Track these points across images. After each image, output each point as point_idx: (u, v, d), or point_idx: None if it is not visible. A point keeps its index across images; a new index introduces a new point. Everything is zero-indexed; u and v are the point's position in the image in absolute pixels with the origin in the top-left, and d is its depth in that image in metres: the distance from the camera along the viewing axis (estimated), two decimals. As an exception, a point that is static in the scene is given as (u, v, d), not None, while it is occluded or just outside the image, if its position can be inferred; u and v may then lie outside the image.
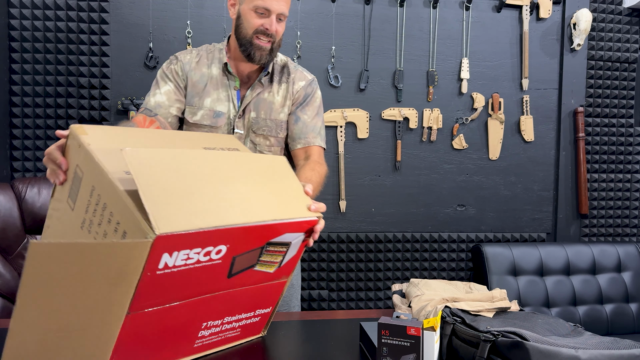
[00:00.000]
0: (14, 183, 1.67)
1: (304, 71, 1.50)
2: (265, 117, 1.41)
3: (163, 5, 2.19)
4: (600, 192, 2.58)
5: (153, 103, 1.37)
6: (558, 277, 2.30)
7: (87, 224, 0.80)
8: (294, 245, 0.93)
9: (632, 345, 0.87)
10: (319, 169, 1.35)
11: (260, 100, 1.41)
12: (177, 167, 0.78)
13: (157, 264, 0.70)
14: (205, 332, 0.91)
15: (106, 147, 0.82)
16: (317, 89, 1.49)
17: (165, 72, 1.42)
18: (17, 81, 2.11)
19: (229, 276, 0.84)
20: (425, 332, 0.88)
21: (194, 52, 1.45)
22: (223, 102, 1.40)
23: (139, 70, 2.19)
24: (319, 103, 1.49)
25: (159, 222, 0.67)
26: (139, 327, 0.77)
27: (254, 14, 1.30)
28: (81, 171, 0.82)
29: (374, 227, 2.41)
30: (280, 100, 1.43)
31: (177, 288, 0.77)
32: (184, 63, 1.41)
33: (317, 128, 1.46)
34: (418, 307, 1.11)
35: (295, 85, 1.45)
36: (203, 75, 1.41)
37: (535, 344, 0.85)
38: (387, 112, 2.37)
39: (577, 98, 2.52)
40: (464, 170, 2.46)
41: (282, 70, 1.45)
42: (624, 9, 2.55)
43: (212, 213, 0.75)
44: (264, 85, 1.42)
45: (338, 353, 1.02)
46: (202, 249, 0.74)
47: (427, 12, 2.39)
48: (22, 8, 2.10)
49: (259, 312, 0.99)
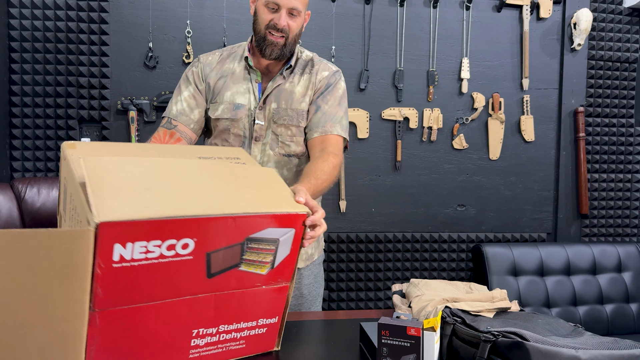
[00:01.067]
0: (13, 183, 1.67)
1: (329, 63, 1.48)
2: (286, 107, 1.39)
3: (163, 5, 2.19)
4: (600, 192, 2.58)
5: (175, 112, 1.40)
6: (558, 277, 2.30)
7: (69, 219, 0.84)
8: (283, 243, 0.87)
9: (632, 345, 0.87)
10: (333, 160, 1.30)
11: (281, 91, 1.40)
12: (138, 172, 0.79)
13: (110, 255, 0.69)
14: (200, 342, 0.87)
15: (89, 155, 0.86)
16: (340, 80, 1.46)
17: (187, 74, 1.44)
18: (17, 81, 2.11)
19: (209, 276, 0.81)
20: (426, 333, 0.88)
21: (217, 53, 1.47)
22: (243, 94, 1.40)
23: (139, 70, 2.19)
24: (342, 93, 1.45)
25: (100, 211, 0.67)
26: (113, 328, 0.75)
27: (266, 9, 1.31)
28: (66, 182, 0.85)
29: (374, 227, 2.41)
30: (301, 90, 1.41)
31: (145, 285, 0.75)
32: (205, 65, 1.44)
33: (337, 117, 1.41)
34: (418, 307, 1.11)
35: (319, 75, 1.43)
36: (224, 72, 1.42)
37: (535, 344, 0.84)
38: (387, 112, 2.37)
39: (578, 98, 2.52)
40: (464, 170, 2.46)
41: (307, 64, 1.45)
42: (624, 9, 2.55)
43: (167, 205, 0.74)
44: (286, 78, 1.41)
45: (338, 353, 1.02)
46: (163, 242, 0.73)
47: (427, 11, 2.39)
48: (22, 8, 2.10)
49: (263, 322, 0.94)
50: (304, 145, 1.44)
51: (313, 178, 1.21)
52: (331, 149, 1.35)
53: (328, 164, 1.28)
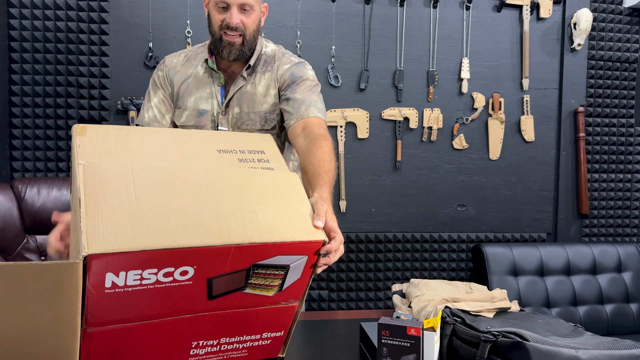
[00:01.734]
0: (13, 183, 1.67)
1: (292, 56, 1.41)
2: (249, 111, 1.36)
3: (163, 5, 2.19)
4: (600, 192, 2.58)
5: (147, 119, 1.38)
6: (558, 277, 2.30)
7: (73, 226, 0.80)
8: (294, 269, 0.82)
9: (632, 345, 0.87)
10: (326, 144, 1.17)
11: (243, 94, 1.36)
12: (141, 182, 0.75)
13: (102, 283, 0.68)
14: (200, 351, 0.86)
15: (93, 151, 0.81)
16: (306, 70, 1.37)
17: (154, 79, 1.42)
18: (17, 81, 2.11)
19: (210, 298, 0.78)
20: (426, 333, 0.87)
21: (182, 54, 1.44)
22: (206, 99, 1.37)
23: (139, 70, 2.19)
24: (312, 83, 1.35)
25: (90, 241, 0.65)
26: (107, 343, 0.75)
27: (216, 10, 1.28)
28: (74, 170, 0.81)
29: (374, 227, 2.41)
30: (262, 90, 1.36)
31: (140, 306, 0.73)
32: (169, 68, 1.41)
33: (310, 100, 1.30)
34: (418, 307, 1.11)
35: (279, 70, 1.36)
36: (188, 75, 1.39)
37: (535, 344, 0.84)
38: (387, 112, 2.37)
39: (578, 98, 2.52)
40: (464, 170, 2.46)
41: (268, 60, 1.39)
42: (624, 9, 2.55)
43: (165, 232, 0.70)
44: (246, 79, 1.37)
45: (338, 353, 1.02)
46: (159, 270, 0.70)
47: (427, 11, 2.39)
48: (22, 8, 2.10)
49: (267, 335, 0.92)
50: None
51: (323, 174, 1.08)
52: (317, 131, 1.22)
53: (325, 151, 1.15)
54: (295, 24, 2.29)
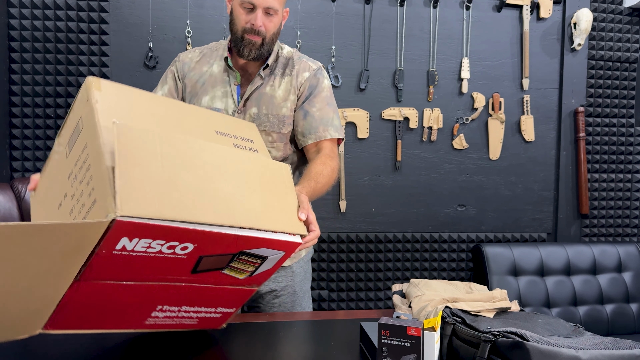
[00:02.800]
0: (13, 183, 1.67)
1: (309, 60, 1.43)
2: (267, 113, 1.37)
3: (163, 5, 2.19)
4: (600, 192, 2.58)
5: None
6: (558, 277, 2.30)
7: (72, 177, 0.80)
8: (270, 260, 0.90)
9: (632, 345, 0.87)
10: (331, 163, 1.31)
11: (262, 95, 1.37)
12: (166, 152, 0.78)
13: (115, 245, 0.70)
14: (160, 314, 0.91)
15: (113, 110, 0.81)
16: (323, 78, 1.42)
17: (166, 73, 1.44)
18: (17, 81, 2.11)
19: (193, 272, 0.83)
20: (426, 333, 0.87)
21: (197, 50, 1.44)
22: (220, 98, 1.38)
23: (139, 70, 2.19)
24: (328, 92, 1.42)
25: (123, 205, 0.66)
26: (89, 295, 0.78)
27: (242, 10, 1.29)
28: (82, 124, 0.82)
29: (374, 227, 2.41)
30: (282, 94, 1.38)
31: (133, 269, 0.77)
32: (184, 63, 1.42)
33: (328, 120, 1.39)
34: (418, 307, 1.11)
35: (299, 77, 1.39)
36: (203, 73, 1.40)
37: (535, 344, 0.84)
38: (387, 112, 2.37)
39: (578, 98, 2.52)
40: (465, 170, 2.46)
41: (287, 63, 1.41)
42: (625, 9, 2.55)
43: (185, 208, 0.73)
44: (264, 79, 1.38)
45: (338, 353, 1.02)
46: (166, 242, 0.73)
47: (427, 11, 2.39)
48: (22, 8, 2.10)
49: (220, 310, 0.99)
50: (284, 150, 1.42)
51: (313, 181, 1.23)
52: (327, 152, 1.36)
53: (327, 168, 1.29)
54: (295, 24, 2.29)
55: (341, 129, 1.43)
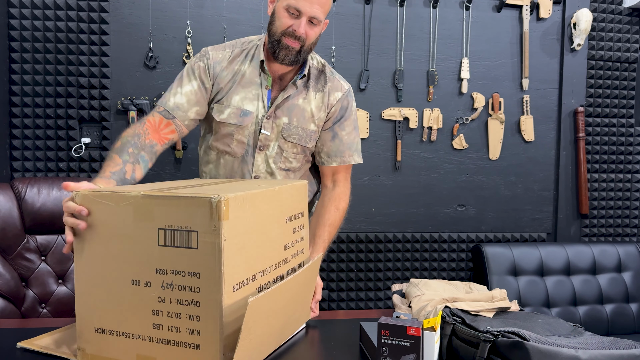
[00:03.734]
0: (13, 183, 1.67)
1: (341, 80, 1.44)
2: (297, 125, 1.36)
3: (163, 5, 2.19)
4: (600, 192, 2.58)
5: (172, 104, 1.33)
6: (558, 277, 2.30)
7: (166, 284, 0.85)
8: None
9: (632, 345, 0.87)
10: (343, 205, 1.44)
11: (294, 107, 1.36)
12: (270, 312, 0.91)
13: None
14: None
15: (234, 250, 0.84)
16: (353, 101, 1.45)
17: (192, 67, 1.37)
18: (17, 81, 2.11)
19: None
20: (425, 332, 0.88)
21: (227, 49, 1.39)
22: (252, 100, 1.35)
23: (139, 70, 2.19)
24: (355, 115, 1.46)
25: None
26: None
27: (286, 13, 1.25)
28: (198, 243, 0.83)
29: (374, 227, 2.41)
30: (313, 110, 1.38)
31: None
32: (215, 62, 1.36)
33: (354, 144, 1.44)
34: (418, 307, 1.11)
35: (331, 97, 1.39)
36: (235, 72, 1.36)
37: (535, 344, 0.84)
38: (387, 112, 2.37)
39: (578, 98, 2.52)
40: (464, 170, 2.46)
41: (319, 76, 1.40)
42: (624, 9, 2.55)
43: (259, 353, 0.92)
44: (298, 89, 1.36)
45: (338, 353, 1.02)
46: None
47: (427, 11, 2.39)
48: (22, 8, 2.10)
49: None
50: (302, 162, 1.43)
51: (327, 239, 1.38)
52: (341, 184, 1.47)
53: (339, 214, 1.42)
54: (295, 24, 2.29)
55: (360, 153, 1.49)
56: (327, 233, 1.37)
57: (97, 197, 0.87)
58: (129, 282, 0.85)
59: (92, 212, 0.87)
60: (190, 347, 0.81)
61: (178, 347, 0.82)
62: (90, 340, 0.89)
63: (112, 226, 0.86)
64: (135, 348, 0.85)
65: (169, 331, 0.83)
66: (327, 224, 1.38)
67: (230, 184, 1.05)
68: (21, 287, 1.61)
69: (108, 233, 0.86)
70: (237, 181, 1.15)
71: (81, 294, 0.89)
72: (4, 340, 1.02)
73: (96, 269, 0.88)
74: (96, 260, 0.88)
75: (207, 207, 0.79)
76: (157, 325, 0.83)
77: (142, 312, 0.84)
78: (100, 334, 0.88)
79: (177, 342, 0.82)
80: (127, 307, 0.85)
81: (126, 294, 0.85)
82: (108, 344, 0.87)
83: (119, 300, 0.86)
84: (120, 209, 0.85)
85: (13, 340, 1.00)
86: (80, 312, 0.89)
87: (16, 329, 1.11)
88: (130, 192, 0.85)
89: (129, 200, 0.84)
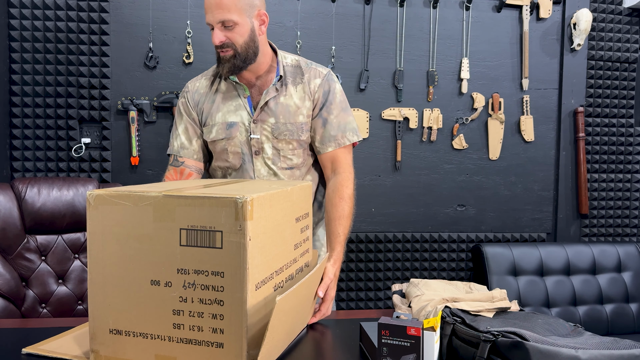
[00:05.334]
0: (13, 183, 1.67)
1: (318, 67, 1.45)
2: (285, 122, 1.38)
3: (163, 5, 2.19)
4: (600, 192, 2.58)
5: (176, 147, 1.43)
6: (558, 277, 2.30)
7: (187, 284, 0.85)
8: None
9: (632, 345, 0.87)
10: (347, 192, 1.37)
11: (278, 105, 1.38)
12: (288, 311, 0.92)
13: None
14: None
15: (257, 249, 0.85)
16: (334, 83, 1.44)
17: (179, 107, 1.46)
18: (17, 81, 2.11)
19: None
20: (425, 332, 0.88)
21: (203, 78, 1.46)
22: (234, 112, 1.39)
23: (139, 70, 2.19)
24: (341, 96, 1.45)
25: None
26: None
27: (211, 31, 1.31)
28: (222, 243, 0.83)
29: (374, 227, 2.41)
30: (297, 102, 1.39)
31: None
32: (193, 92, 1.44)
33: (346, 125, 1.42)
34: (418, 307, 1.11)
35: (311, 84, 1.41)
36: (213, 92, 1.42)
37: (535, 344, 0.85)
38: (387, 112, 2.37)
39: (577, 98, 2.52)
40: (464, 170, 2.46)
41: (295, 72, 1.42)
42: (624, 9, 2.55)
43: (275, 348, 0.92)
44: (278, 90, 1.39)
45: (338, 353, 1.02)
46: None
47: (427, 12, 2.39)
48: (22, 8, 2.10)
49: None
50: (304, 156, 1.43)
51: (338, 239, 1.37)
52: (341, 171, 1.40)
53: (346, 204, 1.36)
54: (295, 24, 2.29)
55: (358, 130, 1.46)
56: (339, 226, 1.36)
57: (113, 198, 0.86)
58: (148, 283, 0.84)
59: (108, 212, 0.87)
60: (213, 345, 0.82)
61: (200, 346, 0.82)
62: (104, 342, 0.88)
63: (130, 227, 0.86)
64: (154, 348, 0.85)
65: (191, 330, 0.83)
66: (335, 217, 1.36)
67: (241, 184, 1.06)
68: (21, 287, 1.61)
69: (125, 234, 0.86)
70: (246, 181, 1.16)
71: (95, 295, 0.89)
72: (4, 340, 1.03)
73: (112, 270, 0.87)
74: (112, 261, 0.87)
75: (232, 207, 0.80)
76: (178, 325, 0.83)
77: (162, 312, 0.84)
78: (115, 335, 0.87)
79: (198, 342, 0.82)
80: (146, 307, 0.85)
81: (145, 294, 0.85)
82: (124, 345, 0.87)
83: (137, 301, 0.85)
84: (139, 210, 0.85)
85: (13, 341, 1.00)
86: (94, 314, 0.89)
87: (16, 329, 1.12)
88: (149, 192, 0.85)
89: (148, 200, 0.84)
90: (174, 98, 2.19)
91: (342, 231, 1.36)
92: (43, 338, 1.01)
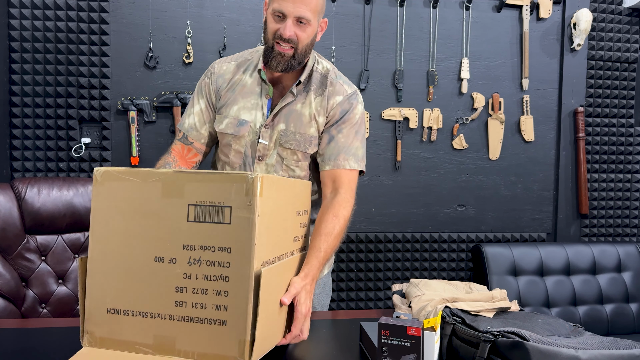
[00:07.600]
0: (13, 183, 1.67)
1: (345, 84, 1.37)
2: (295, 130, 1.32)
3: (163, 5, 2.19)
4: (600, 192, 2.58)
5: (187, 126, 1.38)
6: (558, 277, 2.30)
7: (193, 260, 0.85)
8: None
9: (632, 345, 0.87)
10: (344, 213, 1.25)
11: (292, 112, 1.32)
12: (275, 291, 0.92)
13: None
14: None
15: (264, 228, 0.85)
16: (357, 104, 1.35)
17: (200, 85, 1.39)
18: (17, 81, 2.11)
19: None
20: (426, 332, 0.88)
21: (233, 61, 1.39)
22: (250, 110, 1.33)
23: (139, 70, 2.19)
24: (359, 120, 1.35)
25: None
26: None
27: (273, 18, 1.23)
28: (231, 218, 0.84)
29: (374, 227, 2.41)
30: (312, 113, 1.32)
31: None
32: (218, 75, 1.37)
33: (351, 149, 1.32)
34: (418, 307, 1.11)
35: (331, 100, 1.33)
36: (236, 83, 1.36)
37: (535, 344, 0.85)
38: (387, 112, 2.37)
39: (577, 98, 2.52)
40: (464, 170, 2.46)
41: (322, 81, 1.35)
42: (624, 9, 2.55)
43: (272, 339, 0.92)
44: (296, 96, 1.32)
45: (338, 353, 1.02)
46: None
47: (427, 12, 2.39)
48: (22, 8, 2.10)
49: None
50: (308, 170, 1.38)
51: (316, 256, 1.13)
52: (343, 192, 1.29)
53: (339, 223, 1.22)
54: (295, 24, 2.28)
55: (363, 160, 1.36)
56: (323, 242, 1.16)
57: (121, 174, 0.87)
58: (152, 260, 0.84)
59: (114, 188, 0.87)
60: (216, 323, 0.81)
61: (202, 324, 0.82)
62: (100, 322, 0.86)
63: (137, 203, 0.86)
64: (153, 328, 0.84)
65: (193, 308, 0.82)
66: (322, 233, 1.18)
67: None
68: (21, 287, 1.61)
69: (131, 210, 0.86)
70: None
71: (94, 273, 0.87)
72: (4, 340, 1.02)
73: (114, 247, 0.86)
74: (115, 238, 0.86)
75: (243, 182, 0.81)
76: (180, 302, 0.83)
77: (164, 290, 0.84)
78: (113, 315, 0.86)
79: (200, 319, 0.82)
80: (147, 285, 0.84)
81: (147, 271, 0.84)
82: (122, 325, 0.85)
83: (139, 278, 0.85)
84: (148, 185, 0.85)
85: (13, 341, 1.00)
86: (92, 293, 0.87)
87: (16, 329, 1.11)
88: (159, 170, 0.87)
89: (158, 176, 0.85)
90: (174, 98, 2.18)
91: (325, 248, 1.15)
92: (43, 338, 1.01)
